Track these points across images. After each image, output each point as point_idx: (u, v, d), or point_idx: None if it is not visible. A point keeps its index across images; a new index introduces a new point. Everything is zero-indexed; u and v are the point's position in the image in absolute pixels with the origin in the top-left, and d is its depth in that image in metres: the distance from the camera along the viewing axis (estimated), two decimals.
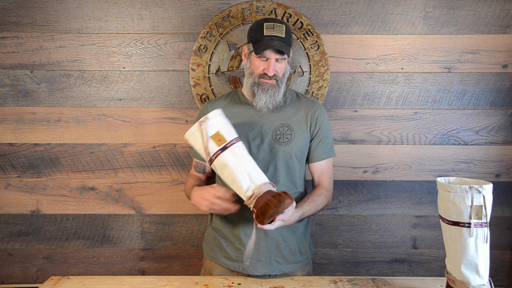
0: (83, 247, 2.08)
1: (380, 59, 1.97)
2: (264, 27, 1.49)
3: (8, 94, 1.98)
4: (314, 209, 1.51)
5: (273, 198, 1.27)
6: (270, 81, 1.50)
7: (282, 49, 1.46)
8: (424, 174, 2.04)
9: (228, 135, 1.36)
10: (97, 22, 1.94)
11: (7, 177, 2.03)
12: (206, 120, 1.35)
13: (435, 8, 1.93)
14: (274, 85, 1.51)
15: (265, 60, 1.50)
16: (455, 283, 1.24)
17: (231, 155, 1.34)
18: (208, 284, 1.44)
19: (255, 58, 1.51)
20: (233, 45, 1.94)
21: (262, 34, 1.48)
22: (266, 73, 1.49)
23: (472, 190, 1.18)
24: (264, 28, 1.48)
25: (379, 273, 2.10)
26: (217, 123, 1.37)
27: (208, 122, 1.35)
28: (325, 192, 1.57)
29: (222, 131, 1.36)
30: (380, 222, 2.08)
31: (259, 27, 1.50)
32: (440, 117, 2.01)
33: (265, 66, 1.50)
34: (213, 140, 1.34)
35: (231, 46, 1.94)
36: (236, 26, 1.93)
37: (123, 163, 2.02)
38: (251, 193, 1.31)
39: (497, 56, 1.96)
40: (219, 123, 1.38)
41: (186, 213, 2.05)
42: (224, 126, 1.38)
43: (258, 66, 1.51)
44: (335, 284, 1.46)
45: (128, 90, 1.99)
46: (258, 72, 1.51)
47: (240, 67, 1.94)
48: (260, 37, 1.48)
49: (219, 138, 1.34)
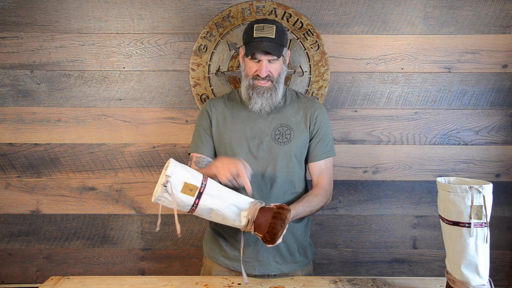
0: (83, 247, 2.08)
1: (380, 59, 1.97)
2: (254, 28, 1.49)
3: (8, 94, 1.98)
4: (309, 209, 1.51)
5: (275, 219, 1.28)
6: (265, 84, 1.50)
7: (271, 50, 1.45)
8: (424, 174, 2.04)
9: (196, 181, 1.30)
10: (97, 22, 1.94)
11: (7, 177, 2.03)
12: (168, 179, 1.27)
13: (435, 8, 1.93)
14: (269, 87, 1.51)
15: (257, 61, 1.50)
16: (455, 283, 1.24)
17: (209, 198, 1.30)
18: (208, 284, 1.44)
19: (248, 60, 1.52)
20: (233, 45, 1.94)
21: (252, 36, 1.48)
22: (258, 74, 1.50)
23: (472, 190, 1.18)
24: (254, 30, 1.49)
25: (379, 273, 2.10)
26: (179, 175, 1.28)
27: (171, 180, 1.27)
28: (322, 192, 1.56)
29: (188, 179, 1.29)
30: (380, 222, 2.08)
31: (250, 29, 1.51)
32: (440, 117, 2.01)
33: (258, 68, 1.50)
34: (184, 194, 1.28)
35: (231, 46, 1.94)
36: (236, 26, 1.93)
37: (123, 163, 2.02)
38: (246, 220, 1.31)
39: (497, 56, 1.96)
40: (181, 173, 1.29)
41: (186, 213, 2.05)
42: (187, 174, 1.30)
43: (251, 68, 1.51)
44: (335, 284, 1.46)
45: (128, 90, 1.99)
46: (251, 74, 1.51)
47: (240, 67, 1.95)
48: (250, 39, 1.49)
49: (190, 188, 1.28)
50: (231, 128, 1.56)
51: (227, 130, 1.56)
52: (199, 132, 1.61)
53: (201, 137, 1.60)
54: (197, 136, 1.61)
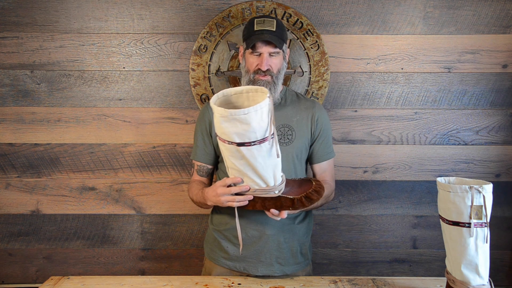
0: (83, 247, 2.08)
1: (380, 59, 1.97)
2: (254, 23, 1.50)
3: (8, 94, 1.98)
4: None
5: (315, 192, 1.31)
6: (265, 77, 1.50)
7: (273, 40, 1.46)
8: (424, 174, 2.04)
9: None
10: (97, 22, 1.94)
11: (7, 177, 2.03)
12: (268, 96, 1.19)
13: (435, 8, 1.93)
14: (269, 81, 1.50)
15: (258, 55, 1.50)
16: (455, 283, 1.24)
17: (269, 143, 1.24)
18: (208, 284, 1.44)
19: (248, 55, 1.52)
20: (233, 45, 1.94)
21: (253, 29, 1.49)
22: (260, 68, 1.49)
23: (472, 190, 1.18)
24: (254, 24, 1.50)
25: (379, 273, 2.10)
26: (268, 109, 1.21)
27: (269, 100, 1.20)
28: (327, 186, 1.57)
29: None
30: (380, 222, 2.08)
31: (250, 24, 1.52)
32: (440, 117, 2.01)
33: (259, 61, 1.50)
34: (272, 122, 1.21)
35: (231, 46, 1.94)
36: (236, 26, 1.93)
37: (123, 163, 2.02)
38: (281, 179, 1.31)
39: (497, 56, 1.96)
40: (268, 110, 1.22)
41: (186, 213, 2.05)
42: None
43: (252, 63, 1.51)
44: (335, 284, 1.46)
45: (128, 90, 1.99)
46: (252, 68, 1.51)
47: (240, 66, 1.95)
48: (251, 33, 1.50)
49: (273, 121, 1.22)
50: None
51: None
52: (198, 138, 1.61)
53: (201, 144, 1.60)
54: (197, 143, 1.61)
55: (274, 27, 1.49)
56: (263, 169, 1.24)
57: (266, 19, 1.51)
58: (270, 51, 1.48)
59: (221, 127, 1.19)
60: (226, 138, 1.20)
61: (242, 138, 1.18)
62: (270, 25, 1.49)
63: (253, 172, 1.25)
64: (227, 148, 1.23)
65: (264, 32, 1.47)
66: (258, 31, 1.48)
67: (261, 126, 1.18)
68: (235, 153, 1.22)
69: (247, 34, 1.52)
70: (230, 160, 1.26)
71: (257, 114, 1.16)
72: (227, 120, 1.17)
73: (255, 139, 1.18)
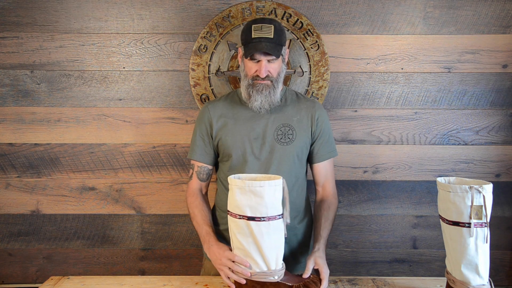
0: (83, 247, 2.08)
1: (380, 59, 1.97)
2: (252, 29, 1.48)
3: (8, 94, 1.98)
4: (330, 225, 1.54)
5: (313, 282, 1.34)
6: (264, 81, 1.50)
7: (270, 51, 1.45)
8: (424, 174, 2.04)
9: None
10: (97, 22, 1.94)
11: (7, 177, 2.03)
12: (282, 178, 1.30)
13: (435, 8, 1.93)
14: (268, 85, 1.50)
15: (256, 62, 1.50)
16: (455, 283, 1.24)
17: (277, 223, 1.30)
18: (208, 284, 1.44)
19: (247, 61, 1.52)
20: (233, 45, 1.94)
21: (251, 36, 1.48)
22: (258, 75, 1.49)
23: (472, 190, 1.18)
24: (252, 30, 1.48)
25: (379, 273, 2.10)
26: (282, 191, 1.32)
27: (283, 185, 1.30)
28: (333, 200, 1.59)
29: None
30: (380, 222, 2.08)
31: (248, 29, 1.50)
32: (440, 117, 2.01)
33: (257, 68, 1.50)
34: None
35: (231, 46, 1.94)
36: (236, 26, 1.93)
37: (123, 163, 2.02)
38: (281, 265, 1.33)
39: (497, 56, 1.96)
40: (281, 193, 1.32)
41: (186, 213, 2.05)
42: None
43: (250, 68, 1.51)
44: (335, 284, 1.46)
45: (128, 90, 1.99)
46: (251, 74, 1.51)
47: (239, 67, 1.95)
48: (249, 40, 1.48)
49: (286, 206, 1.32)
50: (233, 129, 1.56)
51: (229, 132, 1.56)
52: (198, 139, 1.61)
53: (200, 144, 1.60)
54: (196, 143, 1.61)
55: (272, 33, 1.47)
56: (267, 248, 1.28)
57: (264, 25, 1.49)
58: (268, 59, 1.48)
59: (235, 200, 1.27)
60: (238, 212, 1.27)
61: (254, 212, 1.25)
62: (268, 32, 1.47)
63: (258, 252, 1.29)
64: (237, 225, 1.29)
65: (262, 40, 1.46)
66: (255, 39, 1.47)
67: (273, 202, 1.26)
68: (244, 228, 1.28)
69: (245, 41, 1.51)
70: (237, 238, 1.30)
71: (271, 189, 1.24)
72: (243, 192, 1.25)
73: (266, 215, 1.25)
